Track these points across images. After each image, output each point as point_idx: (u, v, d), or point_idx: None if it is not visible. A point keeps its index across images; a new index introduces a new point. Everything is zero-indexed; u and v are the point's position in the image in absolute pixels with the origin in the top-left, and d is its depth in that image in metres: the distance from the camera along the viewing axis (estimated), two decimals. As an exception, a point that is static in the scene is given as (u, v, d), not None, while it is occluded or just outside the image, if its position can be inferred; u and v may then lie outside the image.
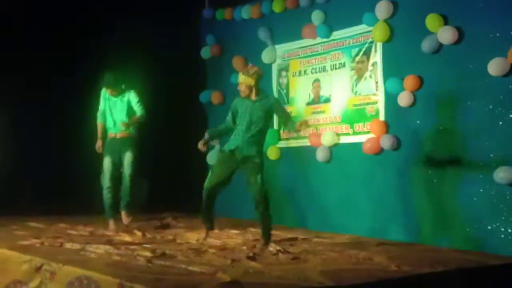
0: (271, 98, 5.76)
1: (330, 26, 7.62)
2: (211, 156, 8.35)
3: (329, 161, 7.55)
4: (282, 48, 8.24)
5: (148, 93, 7.04)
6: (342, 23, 7.48)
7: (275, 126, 8.27)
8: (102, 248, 5.52)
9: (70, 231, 6.70)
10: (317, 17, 7.66)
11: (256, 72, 5.65)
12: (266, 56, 8.30)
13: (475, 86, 6.12)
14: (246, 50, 8.61)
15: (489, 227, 5.96)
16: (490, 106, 6.02)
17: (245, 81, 5.61)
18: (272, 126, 5.72)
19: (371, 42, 7.16)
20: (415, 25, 6.60)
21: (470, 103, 6.19)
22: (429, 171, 6.51)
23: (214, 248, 5.73)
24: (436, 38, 6.40)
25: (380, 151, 6.98)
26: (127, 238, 6.27)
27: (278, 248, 5.73)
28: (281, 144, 8.18)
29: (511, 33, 5.88)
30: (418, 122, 6.66)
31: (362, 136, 7.17)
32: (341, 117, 7.49)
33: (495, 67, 5.89)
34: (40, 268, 4.74)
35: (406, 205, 6.69)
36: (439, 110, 6.46)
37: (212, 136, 5.98)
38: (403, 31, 6.82)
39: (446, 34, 6.30)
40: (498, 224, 5.90)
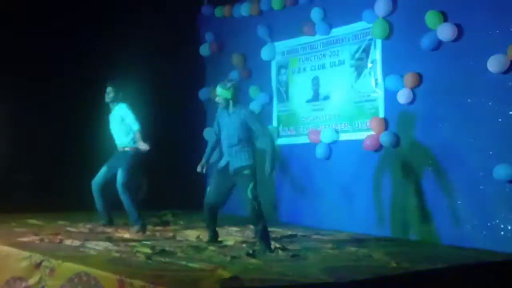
0: (243, 111, 5.62)
1: (329, 23, 7.62)
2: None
3: (328, 158, 7.55)
4: (282, 45, 8.23)
5: (147, 90, 7.02)
6: (342, 20, 7.47)
7: (274, 124, 8.29)
8: (102, 244, 5.52)
9: (70, 228, 6.70)
10: (316, 14, 7.65)
11: (232, 85, 5.67)
12: (265, 53, 8.29)
13: (475, 83, 6.13)
14: (245, 47, 8.61)
15: (488, 224, 5.96)
16: (490, 103, 6.02)
17: (221, 94, 5.64)
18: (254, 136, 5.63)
19: (371, 39, 7.16)
20: (415, 22, 6.60)
21: (470, 100, 6.18)
22: (428, 168, 6.51)
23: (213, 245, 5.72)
24: (435, 35, 6.39)
25: (379, 148, 6.98)
26: (127, 235, 6.27)
27: (278, 245, 5.73)
28: (280, 141, 8.17)
29: (511, 29, 5.88)
30: (417, 119, 6.66)
31: (362, 133, 7.17)
32: (340, 114, 7.49)
33: (495, 64, 5.89)
34: (39, 264, 4.74)
35: (406, 202, 6.69)
36: (439, 107, 6.46)
37: (207, 161, 5.87)
38: (403, 28, 6.82)
39: (445, 31, 6.29)
40: (497, 221, 5.90)
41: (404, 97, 6.69)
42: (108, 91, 6.67)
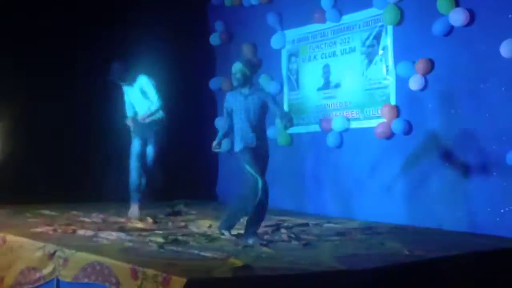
0: (263, 92, 5.53)
1: (339, 10, 7.56)
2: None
3: (340, 146, 7.53)
4: (292, 33, 8.19)
5: (157, 80, 7.02)
6: (352, 7, 7.42)
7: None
8: (115, 234, 5.54)
9: (83, 218, 6.74)
10: (326, 1, 7.60)
11: (251, 64, 5.55)
12: (275, 41, 8.26)
13: (488, 69, 6.07)
14: (256, 36, 8.58)
15: (502, 211, 5.92)
16: (503, 88, 5.96)
17: (242, 69, 5.44)
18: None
19: (382, 26, 7.10)
20: (426, 7, 6.53)
21: (482, 86, 6.13)
22: (440, 155, 6.47)
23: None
24: (447, 21, 6.33)
25: (391, 136, 6.94)
26: (139, 225, 6.30)
27: (290, 234, 5.73)
28: (291, 130, 8.13)
29: (524, 14, 5.82)
30: (429, 106, 6.61)
31: (373, 121, 7.13)
32: (351, 102, 7.45)
33: (508, 49, 5.82)
34: (53, 254, 4.77)
35: (418, 189, 6.66)
36: (451, 93, 6.41)
37: (220, 141, 5.73)
38: (414, 14, 6.76)
39: (457, 16, 6.23)
40: (511, 207, 5.86)
41: (415, 83, 6.64)
42: (114, 68, 6.67)
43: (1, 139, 7.96)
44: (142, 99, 6.75)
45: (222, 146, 5.78)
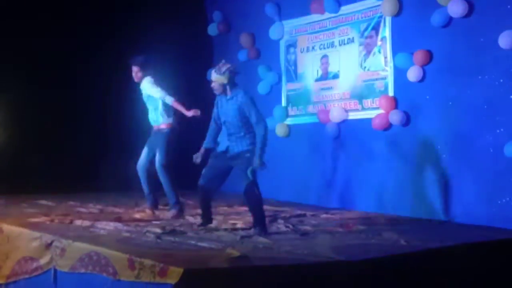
0: (240, 97, 5.35)
1: (338, 1, 7.53)
2: None
3: (337, 137, 7.52)
4: (290, 24, 8.16)
5: (154, 70, 6.98)
6: (351, -2, 7.40)
7: (282, 103, 8.25)
8: (112, 225, 5.54)
9: (80, 209, 6.74)
10: (325, -9, 7.57)
11: (228, 69, 5.39)
12: (274, 32, 8.23)
13: (486, 60, 6.05)
14: (254, 27, 8.55)
15: (498, 202, 5.93)
16: (501, 80, 5.95)
17: (217, 79, 5.37)
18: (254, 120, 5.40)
19: (380, 17, 7.08)
20: (425, -2, 6.51)
21: (480, 77, 6.12)
22: (438, 146, 6.47)
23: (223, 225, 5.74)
24: (446, 12, 6.31)
25: (389, 127, 6.94)
26: (137, 216, 6.29)
27: (287, 224, 5.73)
28: (289, 121, 8.15)
29: (523, 5, 5.80)
30: (427, 97, 6.60)
31: (371, 112, 7.12)
32: (349, 93, 7.44)
33: (506, 40, 5.80)
34: (50, 244, 4.77)
35: (416, 180, 6.66)
36: (449, 85, 6.40)
37: (209, 147, 5.63)
38: (412, 5, 6.73)
39: (456, 7, 6.21)
40: (508, 199, 5.87)
41: (414, 75, 6.63)
42: (134, 72, 6.38)
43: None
44: (147, 103, 6.45)
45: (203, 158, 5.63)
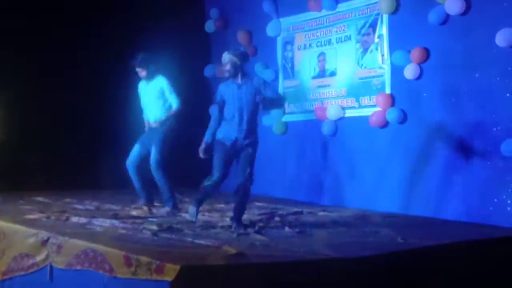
0: (256, 80, 5.40)
1: (335, -2, 7.53)
2: None
3: (334, 135, 7.52)
4: (287, 21, 8.15)
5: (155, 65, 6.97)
6: (348, -5, 7.38)
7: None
8: (108, 222, 5.54)
9: (76, 206, 6.72)
10: (322, -11, 7.56)
11: (241, 53, 5.40)
12: (271, 29, 8.21)
13: (483, 58, 6.05)
14: (251, 24, 8.53)
15: (495, 200, 5.93)
16: (498, 78, 5.95)
17: (231, 60, 5.32)
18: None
19: (377, 14, 7.07)
20: (422, -4, 6.51)
21: (477, 75, 6.12)
22: (435, 144, 6.47)
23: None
24: (443, 9, 6.30)
25: (386, 125, 6.93)
26: (133, 213, 6.28)
27: (284, 222, 5.73)
28: (286, 118, 8.14)
29: (520, 3, 5.80)
30: (424, 95, 6.60)
31: (368, 109, 7.12)
32: (346, 90, 7.44)
33: (503, 38, 5.80)
34: (46, 241, 4.76)
35: (412, 178, 6.66)
36: (446, 82, 6.40)
37: (210, 140, 5.52)
38: (410, 3, 6.72)
39: (453, 5, 6.20)
40: (504, 196, 5.87)
41: (411, 72, 6.63)
42: (138, 71, 6.42)
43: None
44: (156, 100, 6.43)
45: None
